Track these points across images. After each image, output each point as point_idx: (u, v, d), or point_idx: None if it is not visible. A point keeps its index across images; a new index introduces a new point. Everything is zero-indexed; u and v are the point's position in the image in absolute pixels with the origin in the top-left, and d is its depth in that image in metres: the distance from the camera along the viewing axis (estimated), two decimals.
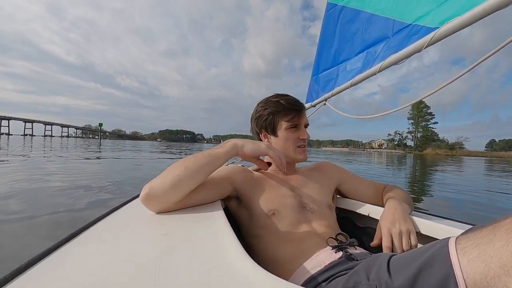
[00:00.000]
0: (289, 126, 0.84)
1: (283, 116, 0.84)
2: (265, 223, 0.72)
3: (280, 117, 0.85)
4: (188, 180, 0.64)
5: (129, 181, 4.24)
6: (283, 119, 0.84)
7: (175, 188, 0.62)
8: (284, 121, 0.84)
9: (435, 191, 4.93)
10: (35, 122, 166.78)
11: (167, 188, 0.61)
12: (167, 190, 0.61)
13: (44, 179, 3.86)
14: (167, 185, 0.61)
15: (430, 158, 29.19)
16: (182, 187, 0.63)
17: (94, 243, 0.47)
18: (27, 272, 0.36)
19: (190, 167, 0.65)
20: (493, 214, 3.20)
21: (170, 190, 0.61)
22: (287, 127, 0.84)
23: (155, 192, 0.60)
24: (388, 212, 0.73)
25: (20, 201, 2.64)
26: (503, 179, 7.84)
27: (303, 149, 0.88)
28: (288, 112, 0.84)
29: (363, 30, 1.24)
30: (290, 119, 0.84)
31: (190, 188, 0.64)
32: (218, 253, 0.42)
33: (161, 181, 0.62)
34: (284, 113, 0.84)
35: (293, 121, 0.84)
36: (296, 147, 0.86)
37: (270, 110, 0.86)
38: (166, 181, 0.62)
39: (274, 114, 0.85)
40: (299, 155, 0.87)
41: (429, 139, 76.12)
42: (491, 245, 0.33)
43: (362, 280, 0.48)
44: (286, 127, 0.84)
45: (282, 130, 0.85)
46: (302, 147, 0.88)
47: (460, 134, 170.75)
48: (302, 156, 0.88)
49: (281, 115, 0.84)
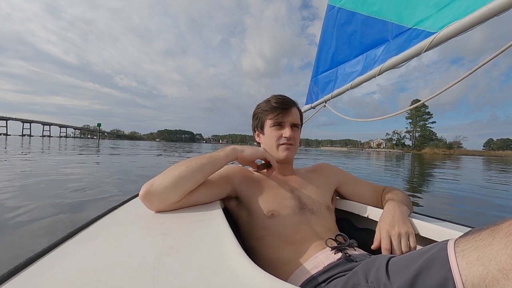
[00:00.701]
0: (273, 124, 0.86)
1: (269, 114, 0.87)
2: (265, 224, 0.72)
3: (266, 115, 0.88)
4: (189, 179, 0.65)
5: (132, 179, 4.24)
6: (268, 116, 0.87)
7: (176, 186, 0.62)
8: (269, 119, 0.87)
9: (432, 191, 4.95)
10: (33, 123, 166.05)
11: (168, 186, 0.61)
12: (168, 188, 0.61)
13: (44, 179, 3.84)
14: (168, 183, 0.62)
15: (428, 158, 29.30)
16: (182, 185, 0.63)
17: (93, 241, 0.47)
18: (26, 270, 0.36)
19: (192, 166, 0.67)
20: (487, 211, 3.22)
21: (171, 188, 0.62)
22: (271, 125, 0.87)
23: (155, 190, 0.61)
24: (387, 214, 0.73)
25: (20, 200, 2.63)
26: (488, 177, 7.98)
27: (287, 147, 0.87)
28: (274, 110, 0.86)
29: (359, 32, 1.24)
30: (273, 117, 0.86)
31: (190, 187, 0.65)
32: (217, 253, 0.42)
33: (162, 179, 0.63)
34: (270, 111, 0.87)
35: (276, 119, 0.86)
36: (279, 145, 0.86)
37: (261, 109, 0.90)
38: (167, 179, 0.62)
39: (262, 113, 0.89)
40: (281, 152, 0.86)
41: (427, 139, 76.36)
42: (490, 248, 0.34)
43: (360, 282, 0.48)
44: (270, 124, 0.87)
45: (268, 127, 0.88)
46: (287, 145, 0.86)
47: (460, 133, 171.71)
48: (285, 154, 0.86)
49: (268, 113, 0.87)
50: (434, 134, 77.73)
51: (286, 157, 0.87)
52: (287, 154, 0.86)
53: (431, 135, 77.16)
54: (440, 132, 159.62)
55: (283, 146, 0.86)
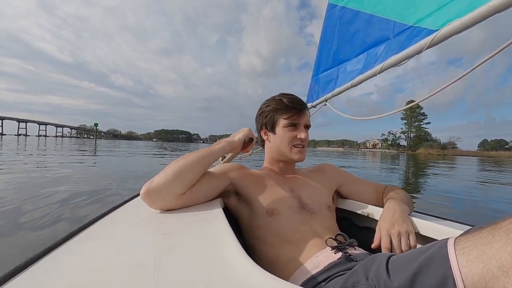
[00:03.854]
0: (287, 124, 0.84)
1: (282, 114, 0.85)
2: (265, 223, 0.72)
3: (279, 114, 0.85)
4: (189, 170, 0.66)
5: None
6: (282, 116, 0.85)
7: (177, 179, 0.63)
8: (283, 118, 0.85)
9: (422, 188, 5.02)
10: (29, 122, 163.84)
11: (169, 180, 0.62)
12: (169, 182, 0.62)
13: (44, 179, 3.79)
14: (168, 177, 0.62)
15: (422, 158, 29.62)
16: (184, 177, 0.64)
17: (94, 241, 0.47)
18: (27, 270, 0.36)
19: (190, 159, 0.68)
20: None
21: (172, 182, 0.62)
22: (285, 125, 0.84)
23: (156, 186, 0.61)
24: (387, 212, 0.74)
25: (20, 199, 2.59)
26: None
27: (300, 149, 0.86)
28: (288, 110, 0.84)
29: (363, 31, 1.25)
30: (289, 117, 0.84)
31: (191, 179, 0.66)
32: (218, 252, 0.42)
33: (163, 174, 0.63)
34: (284, 111, 0.84)
35: (292, 120, 0.84)
36: (292, 146, 0.85)
37: (271, 107, 0.87)
38: (167, 173, 0.63)
39: (274, 112, 0.86)
40: (295, 154, 0.86)
41: (422, 139, 77.14)
42: (490, 246, 0.34)
43: (361, 280, 0.48)
44: (284, 125, 0.84)
45: (280, 127, 0.85)
46: (299, 147, 0.86)
47: (457, 134, 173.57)
48: (298, 156, 0.86)
49: (281, 112, 0.85)
50: (429, 134, 78.60)
51: (300, 159, 0.87)
52: (300, 157, 0.87)
53: (426, 136, 77.99)
54: (438, 133, 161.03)
55: (297, 149, 0.86)
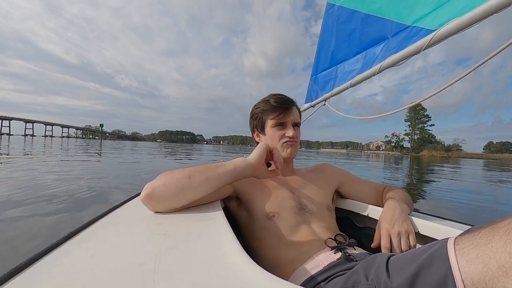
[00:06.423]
0: (275, 124, 0.85)
1: (269, 114, 0.86)
2: (265, 225, 0.72)
3: (267, 115, 0.87)
4: (192, 192, 0.62)
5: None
6: (269, 117, 0.86)
7: (177, 198, 0.60)
8: (270, 119, 0.86)
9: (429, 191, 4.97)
10: (35, 123, 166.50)
11: (169, 196, 0.60)
12: (169, 198, 0.60)
13: (45, 178, 3.83)
14: (169, 193, 0.60)
15: (426, 160, 29.33)
16: (184, 197, 0.61)
17: (93, 241, 0.46)
18: (27, 270, 0.36)
19: (196, 178, 0.62)
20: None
21: (172, 198, 0.60)
22: (272, 125, 0.86)
23: (156, 195, 0.59)
24: (387, 212, 0.73)
25: (19, 199, 2.62)
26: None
27: (289, 143, 0.86)
28: (275, 110, 0.85)
29: (359, 30, 1.24)
30: (275, 116, 0.85)
31: (193, 199, 0.63)
32: (217, 253, 0.42)
33: (164, 187, 0.60)
34: (271, 111, 0.86)
35: (278, 119, 0.85)
36: (282, 144, 0.86)
37: (259, 109, 0.88)
38: (169, 188, 0.60)
39: (262, 113, 0.88)
40: (285, 151, 0.86)
41: (425, 141, 76.51)
42: (490, 246, 0.34)
43: (361, 280, 0.48)
44: (272, 125, 0.86)
45: (269, 128, 0.87)
46: (289, 142, 0.86)
47: (463, 135, 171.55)
48: (288, 151, 0.86)
49: (268, 113, 0.86)
50: (433, 136, 77.88)
51: (291, 153, 0.86)
52: (291, 150, 0.86)
53: (429, 138, 77.28)
54: (445, 134, 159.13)
55: (286, 143, 0.86)
